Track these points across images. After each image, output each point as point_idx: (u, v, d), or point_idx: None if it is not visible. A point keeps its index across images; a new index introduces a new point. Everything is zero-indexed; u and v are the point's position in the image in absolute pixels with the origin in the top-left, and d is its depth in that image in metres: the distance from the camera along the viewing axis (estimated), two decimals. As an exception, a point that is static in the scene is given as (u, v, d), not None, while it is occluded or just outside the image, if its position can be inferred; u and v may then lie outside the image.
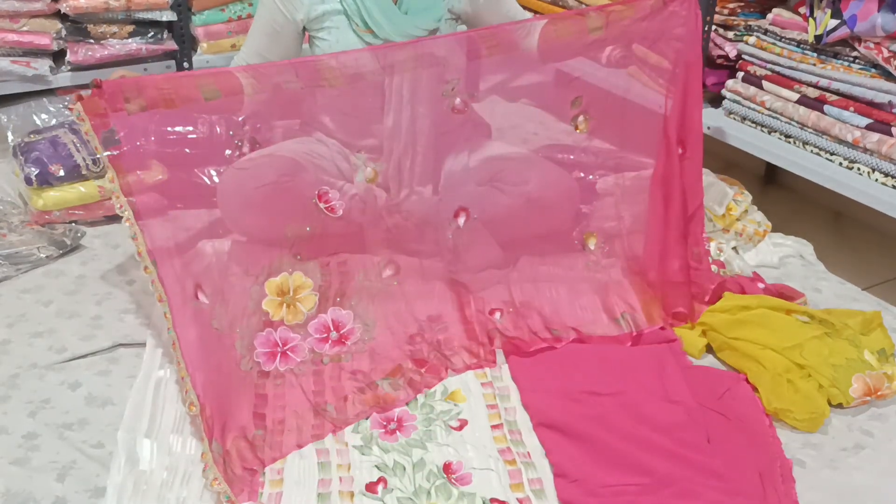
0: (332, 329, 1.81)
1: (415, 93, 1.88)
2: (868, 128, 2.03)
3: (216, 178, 1.89)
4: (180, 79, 1.91)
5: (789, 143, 2.25)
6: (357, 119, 1.97)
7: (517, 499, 1.46)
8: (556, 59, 2.00)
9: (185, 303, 1.66)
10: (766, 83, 2.30)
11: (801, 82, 2.21)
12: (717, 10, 2.47)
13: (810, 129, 2.18)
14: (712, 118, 2.41)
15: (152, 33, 2.64)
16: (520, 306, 1.90)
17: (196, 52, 2.79)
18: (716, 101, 2.49)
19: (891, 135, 1.99)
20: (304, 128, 2.04)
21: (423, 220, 1.97)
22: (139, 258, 1.64)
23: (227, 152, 1.94)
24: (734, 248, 2.18)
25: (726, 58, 2.46)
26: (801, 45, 2.22)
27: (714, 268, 2.05)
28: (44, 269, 2.11)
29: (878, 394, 1.69)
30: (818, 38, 2.13)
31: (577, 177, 2.10)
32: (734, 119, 2.42)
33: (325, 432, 1.60)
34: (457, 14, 2.04)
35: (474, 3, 2.03)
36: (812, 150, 2.19)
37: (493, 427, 1.63)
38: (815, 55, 2.19)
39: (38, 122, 2.54)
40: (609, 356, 1.80)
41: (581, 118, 2.02)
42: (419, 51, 1.85)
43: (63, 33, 2.54)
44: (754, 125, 2.35)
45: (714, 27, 2.47)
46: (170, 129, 1.88)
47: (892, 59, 1.99)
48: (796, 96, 2.21)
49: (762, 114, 2.31)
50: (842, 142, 2.10)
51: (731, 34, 2.47)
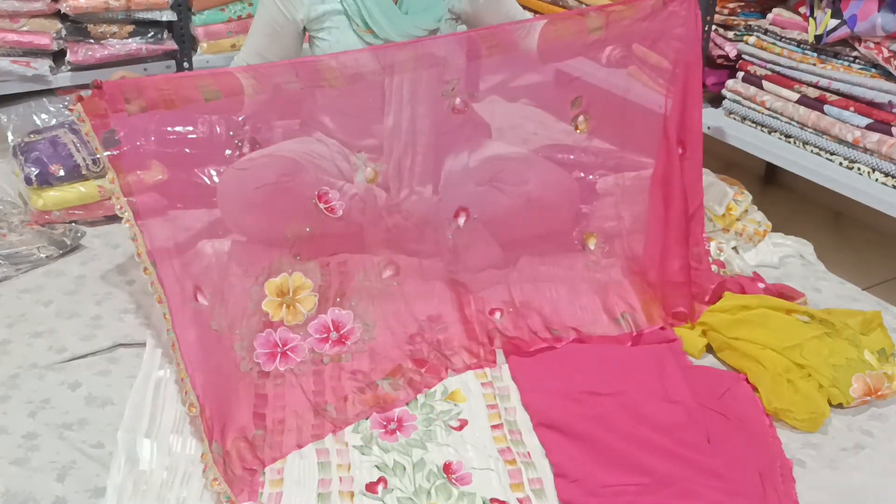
0: (332, 329, 1.81)
1: (415, 93, 1.89)
2: (868, 128, 2.03)
3: (216, 178, 1.89)
4: (180, 79, 1.91)
5: (789, 143, 2.25)
6: (357, 119, 1.97)
7: (517, 499, 1.46)
8: (556, 59, 2.00)
9: (184, 304, 1.66)
10: (766, 83, 2.30)
11: (801, 82, 2.21)
12: (717, 9, 2.47)
13: (810, 129, 2.18)
14: (712, 118, 2.41)
15: (152, 33, 2.64)
16: (520, 306, 1.90)
17: (196, 52, 2.79)
18: (716, 101, 2.49)
19: (891, 135, 1.99)
20: (304, 128, 2.04)
21: (423, 220, 1.97)
22: (139, 259, 1.64)
23: (227, 152, 1.94)
24: (734, 248, 2.18)
25: (726, 58, 2.46)
26: (802, 45, 2.22)
27: (714, 268, 2.05)
28: (44, 269, 2.11)
29: (878, 394, 1.69)
30: (818, 37, 2.13)
31: (577, 177, 2.10)
32: (734, 119, 2.41)
33: (325, 432, 1.60)
34: (457, 14, 2.04)
35: (474, 3, 2.03)
36: (812, 150, 2.19)
37: (494, 427, 1.63)
38: (816, 55, 2.19)
39: (38, 122, 2.54)
40: (609, 356, 1.80)
41: (581, 118, 2.02)
42: (419, 51, 1.85)
43: (63, 33, 2.54)
44: (754, 125, 2.35)
45: (714, 27, 2.47)
46: (170, 129, 1.88)
47: (892, 59, 1.99)
48: (796, 96, 2.21)
49: (762, 114, 2.31)
50: (842, 142, 2.10)
51: (731, 34, 2.46)
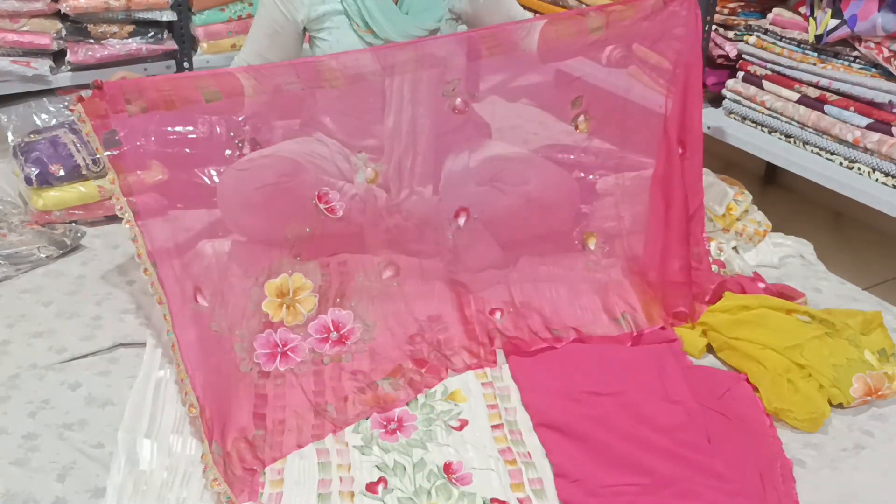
0: (332, 329, 1.81)
1: (415, 93, 1.88)
2: (868, 127, 2.03)
3: (216, 179, 1.89)
4: (181, 80, 1.91)
5: (789, 142, 2.25)
6: (357, 119, 1.97)
7: (517, 499, 1.46)
8: (557, 59, 2.00)
9: (184, 305, 1.66)
10: (766, 83, 2.30)
11: (801, 82, 2.21)
12: (718, 9, 2.47)
13: (810, 129, 2.18)
14: (712, 118, 2.41)
15: (152, 33, 2.64)
16: (520, 306, 1.90)
17: (196, 52, 2.79)
18: (716, 101, 2.49)
19: (891, 134, 1.99)
20: (305, 128, 2.04)
21: (424, 220, 1.97)
22: (139, 260, 1.64)
23: (228, 152, 1.94)
24: (734, 248, 2.18)
25: (726, 57, 2.46)
26: (802, 45, 2.22)
27: (714, 268, 2.05)
28: (44, 269, 2.11)
29: (879, 394, 1.69)
30: (818, 37, 2.13)
31: (577, 177, 2.10)
32: (734, 119, 2.41)
33: (326, 432, 1.60)
34: (457, 14, 2.04)
35: (474, 3, 2.02)
36: (812, 150, 2.19)
37: (494, 427, 1.63)
38: (816, 55, 2.19)
39: (38, 122, 2.54)
40: (609, 356, 1.80)
41: (581, 118, 2.02)
42: (420, 51, 1.85)
43: (63, 33, 2.54)
44: (754, 125, 2.35)
45: (714, 27, 2.46)
46: (170, 129, 1.88)
47: (892, 59, 1.99)
48: (796, 96, 2.21)
49: (762, 114, 2.31)
50: (842, 142, 2.10)
51: (731, 34, 2.46)
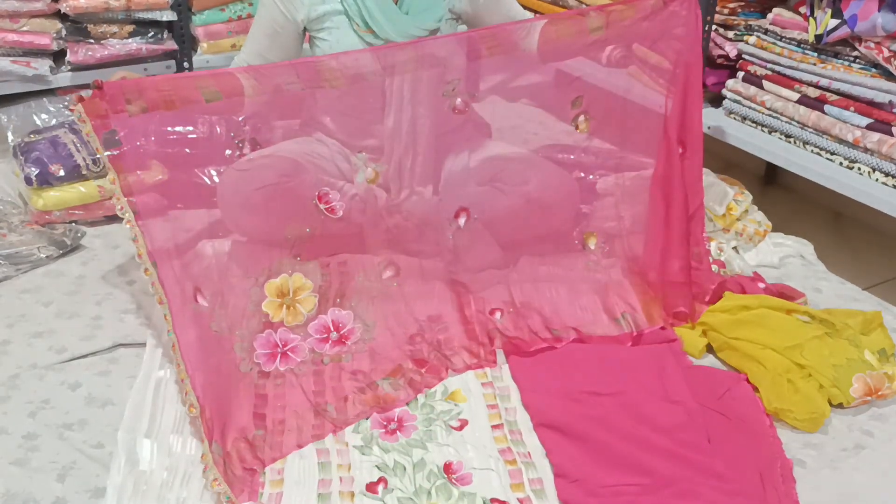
0: (332, 329, 1.81)
1: (415, 93, 1.88)
2: (868, 127, 2.03)
3: (216, 179, 1.89)
4: (181, 80, 1.91)
5: (789, 142, 2.25)
6: (358, 119, 1.97)
7: (517, 499, 1.46)
8: (557, 59, 2.00)
9: (184, 305, 1.66)
10: (766, 83, 2.30)
11: (801, 82, 2.21)
12: (718, 9, 2.47)
13: (811, 129, 2.18)
14: (712, 118, 2.41)
15: (152, 33, 2.64)
16: (520, 306, 1.90)
17: (196, 52, 2.79)
18: (716, 101, 2.49)
19: (891, 134, 1.99)
20: (305, 128, 2.04)
21: (424, 220, 1.97)
22: (140, 260, 1.64)
23: (228, 152, 1.94)
24: (734, 248, 2.18)
25: (726, 57, 2.46)
26: (802, 45, 2.22)
27: (714, 268, 2.05)
28: (44, 269, 2.11)
29: (879, 394, 1.69)
30: (818, 37, 2.13)
31: (577, 177, 2.10)
32: (734, 119, 2.41)
33: (326, 432, 1.60)
34: (457, 14, 2.04)
35: (474, 3, 2.02)
36: (812, 150, 2.19)
37: (494, 427, 1.63)
38: (816, 55, 2.19)
39: (38, 122, 2.54)
40: (609, 356, 1.80)
41: (581, 118, 2.02)
42: (420, 51, 1.85)
43: (63, 33, 2.54)
44: (754, 125, 2.35)
45: (714, 27, 2.46)
46: (170, 129, 1.88)
47: (892, 59, 1.99)
48: (797, 96, 2.21)
49: (762, 113, 2.31)
50: (842, 141, 2.10)
51: (731, 34, 2.46)
